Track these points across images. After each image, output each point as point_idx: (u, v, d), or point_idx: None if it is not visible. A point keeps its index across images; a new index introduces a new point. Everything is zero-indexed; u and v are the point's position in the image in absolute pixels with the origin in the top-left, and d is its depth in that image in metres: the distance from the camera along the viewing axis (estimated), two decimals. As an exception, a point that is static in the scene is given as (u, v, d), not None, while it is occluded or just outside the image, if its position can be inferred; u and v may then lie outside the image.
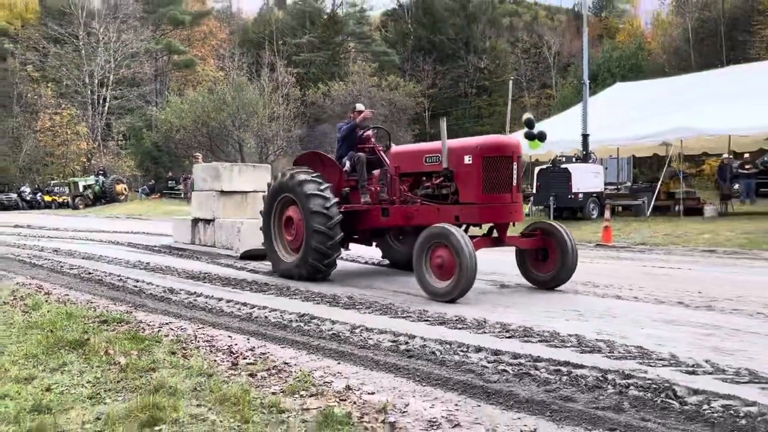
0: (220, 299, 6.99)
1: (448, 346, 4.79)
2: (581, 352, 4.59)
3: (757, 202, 20.02)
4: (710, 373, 4.01)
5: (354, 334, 5.27)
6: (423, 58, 54.24)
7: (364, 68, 46.60)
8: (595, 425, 3.24)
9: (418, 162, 7.67)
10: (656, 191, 19.22)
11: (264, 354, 4.72)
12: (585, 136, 18.93)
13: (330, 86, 42.98)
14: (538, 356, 4.42)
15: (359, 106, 9.20)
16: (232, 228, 11.02)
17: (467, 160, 6.92)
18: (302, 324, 5.69)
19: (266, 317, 6.04)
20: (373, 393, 3.79)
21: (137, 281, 8.38)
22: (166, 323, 5.85)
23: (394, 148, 8.34)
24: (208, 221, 12.06)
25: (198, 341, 5.15)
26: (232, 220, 11.40)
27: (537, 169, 19.14)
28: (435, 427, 3.26)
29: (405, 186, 7.86)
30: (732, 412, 3.33)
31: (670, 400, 3.51)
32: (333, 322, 5.68)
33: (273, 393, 3.78)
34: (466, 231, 7.16)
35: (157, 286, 7.99)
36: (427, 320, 5.80)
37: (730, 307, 6.18)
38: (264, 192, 12.65)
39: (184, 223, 13.07)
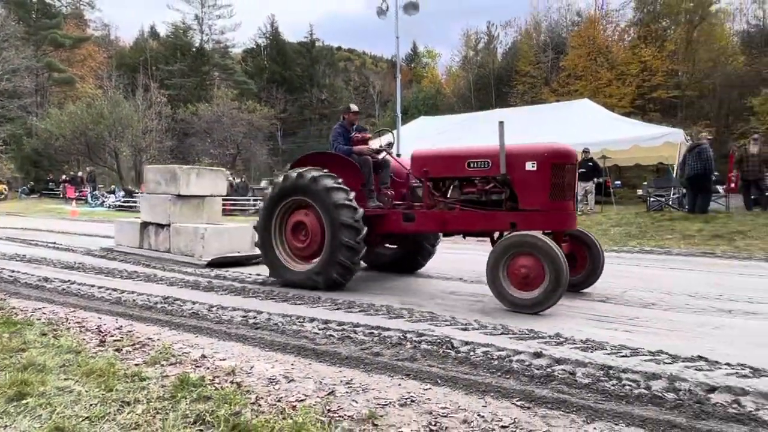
0: (92, 286, 6.31)
1: (288, 318, 4.72)
2: (389, 318, 4.74)
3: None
4: (477, 329, 4.33)
5: (211, 312, 5.01)
6: (276, 89, 53.37)
7: (226, 93, 44.78)
8: (396, 372, 3.36)
9: (458, 166, 5.82)
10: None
11: (130, 332, 4.33)
12: (398, 155, 19.61)
13: (197, 107, 40.80)
14: (357, 323, 4.49)
15: (353, 107, 7.12)
16: (195, 234, 8.52)
17: (530, 166, 5.33)
18: (166, 305, 5.30)
19: (134, 300, 5.54)
20: (224, 359, 3.64)
21: (13, 271, 7.30)
22: (39, 308, 5.16)
23: (419, 150, 6.30)
24: (161, 226, 9.29)
25: (69, 323, 4.60)
26: (194, 225, 8.85)
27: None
28: (274, 383, 3.20)
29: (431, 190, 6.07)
30: (489, 355, 3.62)
31: (449, 350, 3.74)
32: (193, 303, 5.37)
33: (136, 364, 3.48)
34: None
35: (32, 275, 7.02)
36: (273, 299, 5.67)
37: (493, 281, 6.71)
38: (220, 196, 10.27)
39: (132, 227, 9.89)
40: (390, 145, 7.06)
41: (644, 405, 2.85)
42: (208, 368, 3.44)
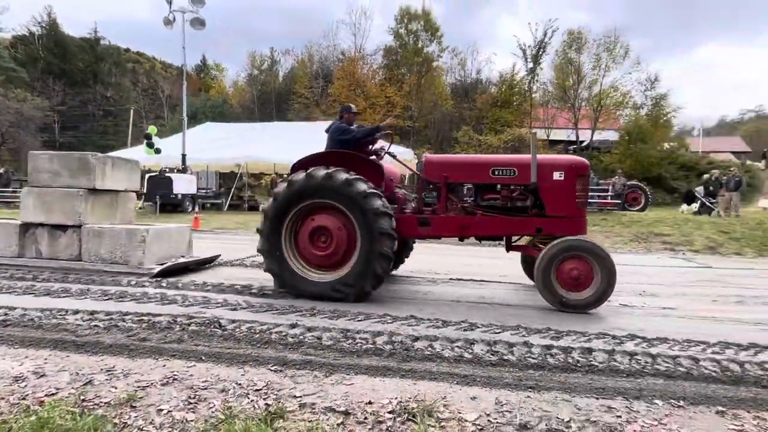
0: None
1: (48, 312, 3.87)
2: (162, 305, 4.26)
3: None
4: (245, 309, 4.18)
5: (-54, 312, 3.82)
6: (54, 80, 43.73)
7: (-12, 79, 34.99)
8: (162, 355, 3.03)
9: (482, 173, 5.00)
10: (231, 194, 19.60)
11: None
12: (183, 156, 18.02)
13: (-53, 89, 31.00)
14: (127, 311, 3.94)
15: (352, 107, 5.63)
16: (130, 237, 5.93)
17: (557, 176, 4.79)
18: None
19: None
20: (-44, 363, 2.80)
21: None
22: None
23: (433, 156, 5.25)
24: (61, 228, 6.19)
25: None
26: (130, 226, 6.29)
27: (147, 176, 17.31)
28: (21, 381, 2.58)
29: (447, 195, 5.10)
30: (252, 330, 3.53)
31: (216, 329, 3.53)
32: None
33: None
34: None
35: None
36: (33, 293, 4.60)
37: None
38: (135, 191, 7.15)
39: (3, 229, 6.35)
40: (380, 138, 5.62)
41: (370, 356, 3.10)
42: (-69, 375, 2.60)
